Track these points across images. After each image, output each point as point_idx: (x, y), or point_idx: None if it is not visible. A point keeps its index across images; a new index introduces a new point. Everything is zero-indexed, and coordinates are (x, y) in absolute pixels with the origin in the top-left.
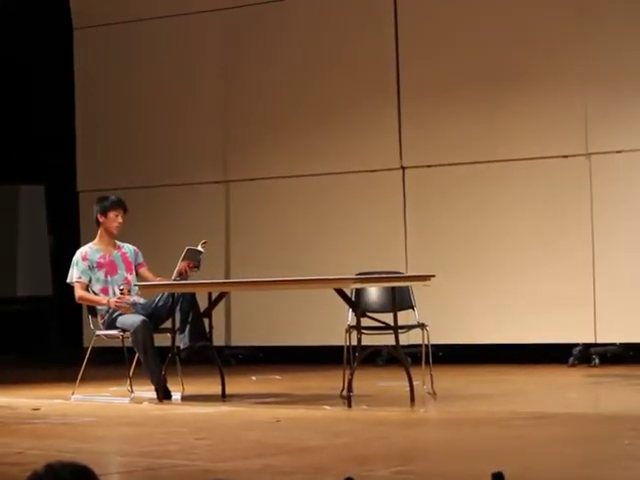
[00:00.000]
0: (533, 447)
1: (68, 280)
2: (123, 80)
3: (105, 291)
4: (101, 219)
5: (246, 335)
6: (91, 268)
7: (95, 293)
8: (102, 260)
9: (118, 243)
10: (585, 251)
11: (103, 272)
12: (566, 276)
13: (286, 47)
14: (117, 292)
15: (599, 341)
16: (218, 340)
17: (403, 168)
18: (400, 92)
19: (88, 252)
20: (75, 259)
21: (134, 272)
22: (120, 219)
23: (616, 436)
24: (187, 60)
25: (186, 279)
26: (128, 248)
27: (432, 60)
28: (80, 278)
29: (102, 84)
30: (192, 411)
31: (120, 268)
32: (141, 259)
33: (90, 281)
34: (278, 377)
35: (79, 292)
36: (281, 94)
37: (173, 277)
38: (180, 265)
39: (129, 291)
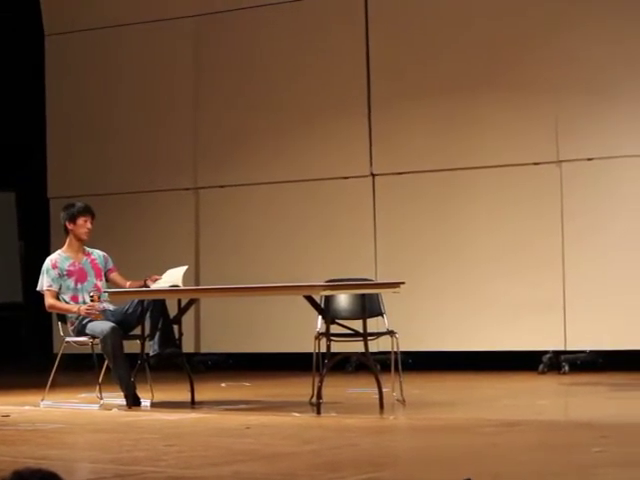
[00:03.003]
0: (503, 454)
1: (38, 288)
2: (94, 87)
3: (75, 299)
4: (70, 226)
5: (216, 342)
6: (61, 276)
7: (65, 301)
8: (72, 268)
9: (87, 249)
10: (555, 258)
11: (73, 280)
12: (536, 283)
13: (257, 55)
14: (87, 299)
15: (569, 348)
16: (188, 347)
17: (373, 175)
18: (370, 100)
19: (58, 260)
20: (45, 267)
21: (104, 278)
22: (89, 225)
23: (586, 443)
24: (158, 67)
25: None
26: (97, 254)
27: (402, 69)
28: (50, 286)
29: (73, 91)
30: (161, 418)
31: (90, 275)
32: (111, 264)
33: (60, 289)
34: (247, 384)
35: (49, 300)
36: (252, 102)
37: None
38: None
39: (99, 297)
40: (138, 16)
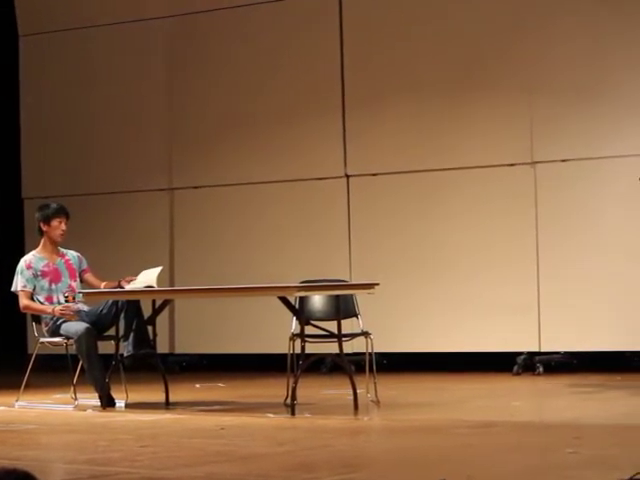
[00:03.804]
0: (477, 455)
1: (13, 289)
2: (69, 87)
3: (49, 299)
4: (44, 227)
5: (190, 343)
6: (35, 276)
7: (40, 302)
8: (46, 268)
9: (62, 250)
10: (530, 259)
11: (47, 280)
12: (511, 284)
13: (232, 55)
14: (62, 300)
15: (543, 350)
16: (162, 347)
17: (348, 176)
18: (345, 101)
19: (32, 260)
20: (19, 268)
21: (78, 279)
22: (63, 226)
23: (559, 445)
24: (134, 68)
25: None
26: (72, 255)
27: (377, 69)
28: (25, 287)
29: (47, 91)
30: (136, 418)
31: (64, 276)
32: (85, 265)
33: (34, 289)
34: (222, 385)
35: (24, 301)
36: (226, 103)
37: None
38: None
39: (74, 298)
40: (113, 16)
